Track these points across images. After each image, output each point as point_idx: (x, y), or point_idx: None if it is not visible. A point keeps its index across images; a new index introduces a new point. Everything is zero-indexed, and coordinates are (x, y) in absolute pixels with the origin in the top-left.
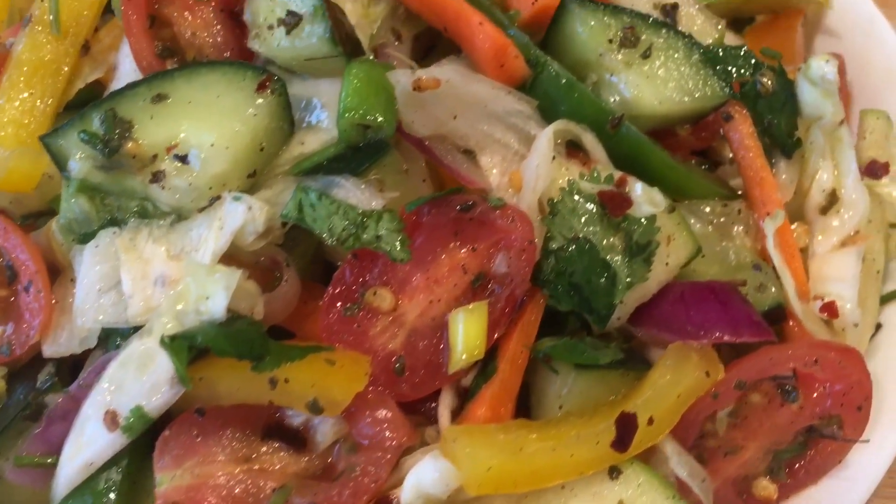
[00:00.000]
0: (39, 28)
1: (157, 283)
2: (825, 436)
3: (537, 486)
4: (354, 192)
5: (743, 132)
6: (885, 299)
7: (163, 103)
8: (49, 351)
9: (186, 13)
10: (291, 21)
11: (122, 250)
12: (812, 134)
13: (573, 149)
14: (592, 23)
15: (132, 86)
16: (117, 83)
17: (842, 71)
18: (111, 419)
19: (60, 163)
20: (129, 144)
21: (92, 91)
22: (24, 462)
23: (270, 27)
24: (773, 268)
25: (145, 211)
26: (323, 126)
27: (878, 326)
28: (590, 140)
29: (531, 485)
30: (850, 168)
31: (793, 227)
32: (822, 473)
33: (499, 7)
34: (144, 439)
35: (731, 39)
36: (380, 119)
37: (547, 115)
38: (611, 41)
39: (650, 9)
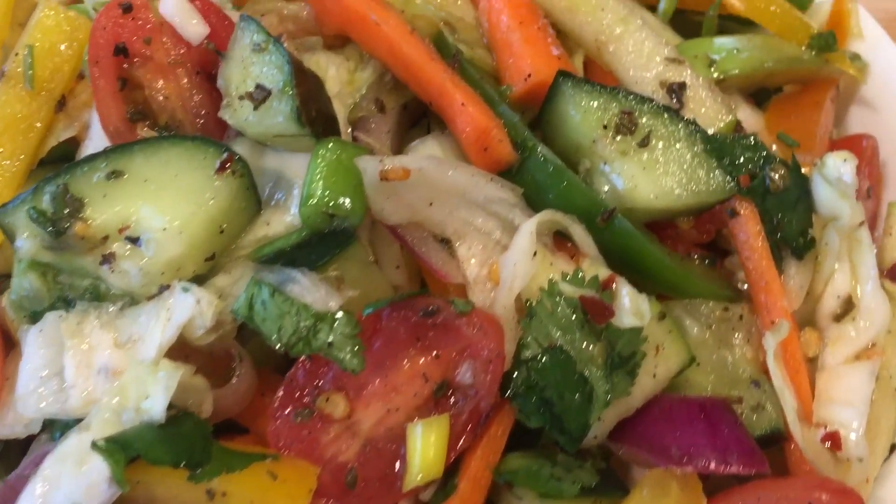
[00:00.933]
0: (13, 82)
1: (100, 373)
2: None
3: None
4: (311, 290)
5: (749, 231)
6: None
7: (118, 181)
8: None
9: (159, 77)
10: (259, 96)
11: (67, 335)
12: (827, 234)
13: (561, 238)
14: (587, 106)
15: (90, 159)
16: (90, 143)
17: (872, 155)
18: None
19: (10, 239)
20: (78, 225)
21: (66, 147)
22: None
23: (241, 98)
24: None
25: (98, 291)
26: (291, 206)
27: (894, 448)
28: (578, 232)
29: None
30: (869, 273)
31: (802, 332)
32: None
33: (491, 79)
34: None
35: (749, 115)
36: (346, 207)
37: (534, 202)
38: (605, 127)
39: (656, 87)
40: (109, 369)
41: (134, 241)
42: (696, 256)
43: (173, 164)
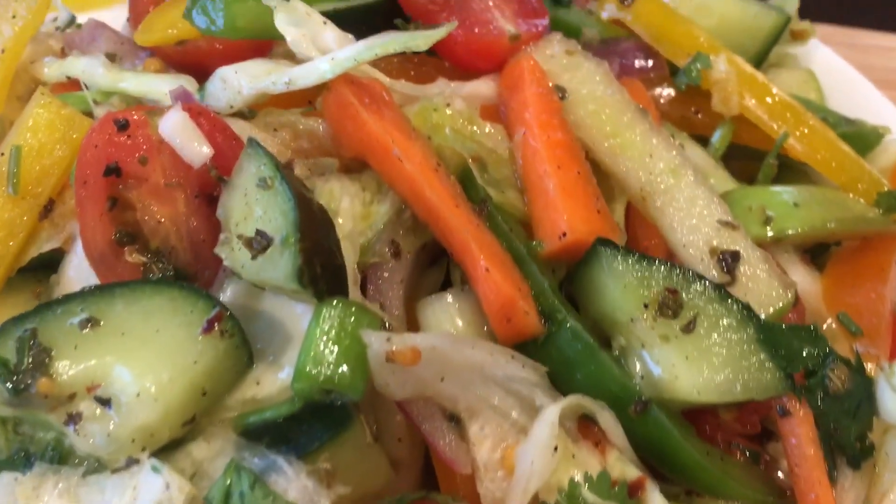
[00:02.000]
0: None
1: None
2: None
3: None
4: (296, 484)
5: (801, 436)
6: None
7: (92, 330)
8: None
9: (154, 199)
10: (259, 245)
11: (23, 501)
12: (889, 442)
13: (586, 422)
14: (627, 279)
15: (65, 301)
16: (74, 257)
17: None
18: None
19: None
20: (42, 382)
21: (51, 255)
22: None
23: (240, 237)
24: None
25: (61, 447)
26: (286, 365)
27: None
28: (607, 420)
29: None
30: None
31: None
32: None
33: (521, 228)
34: None
35: (804, 278)
36: (346, 383)
37: (559, 381)
38: (646, 305)
39: (705, 254)
40: None
41: (104, 402)
42: (736, 447)
43: (156, 316)
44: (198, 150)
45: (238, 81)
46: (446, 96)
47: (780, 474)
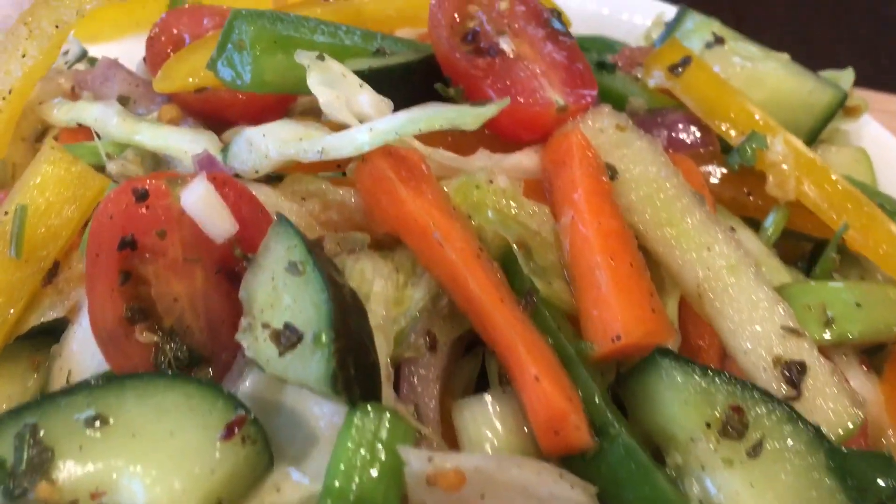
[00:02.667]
0: None
1: None
2: None
3: None
4: None
5: None
6: None
7: (100, 429)
8: None
9: (171, 275)
10: (287, 341)
11: None
12: None
13: None
14: (688, 394)
15: (70, 393)
16: (79, 329)
17: None
18: None
19: None
20: (42, 486)
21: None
22: None
23: (265, 326)
24: None
25: None
26: (308, 473)
27: None
28: None
29: None
30: None
31: None
32: None
33: (568, 324)
34: None
35: (863, 383)
36: (376, 501)
37: (607, 500)
38: (709, 425)
39: (768, 364)
40: None
41: None
42: None
43: (170, 415)
44: (222, 225)
45: (266, 145)
46: (489, 171)
47: None
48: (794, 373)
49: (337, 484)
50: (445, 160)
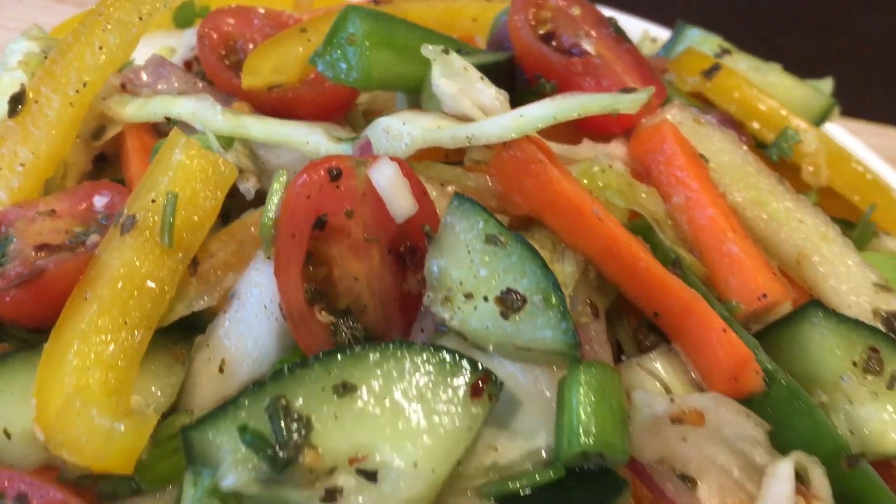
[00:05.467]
0: (148, 234)
1: None
2: None
3: None
4: None
5: None
6: None
7: (350, 396)
8: None
9: (352, 254)
10: (513, 304)
11: None
12: None
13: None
14: (835, 338)
15: (302, 365)
16: (237, 315)
17: None
18: None
19: (202, 460)
20: (308, 454)
21: (195, 314)
22: None
23: (469, 296)
24: None
25: None
26: (522, 429)
27: None
28: (818, 477)
29: None
30: None
31: None
32: None
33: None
34: None
35: None
36: (616, 447)
37: (774, 438)
38: (855, 364)
39: (869, 315)
40: None
41: (369, 475)
42: None
43: (415, 378)
44: (405, 204)
45: (406, 132)
46: (607, 157)
47: None
48: (893, 321)
49: (577, 433)
50: (559, 150)
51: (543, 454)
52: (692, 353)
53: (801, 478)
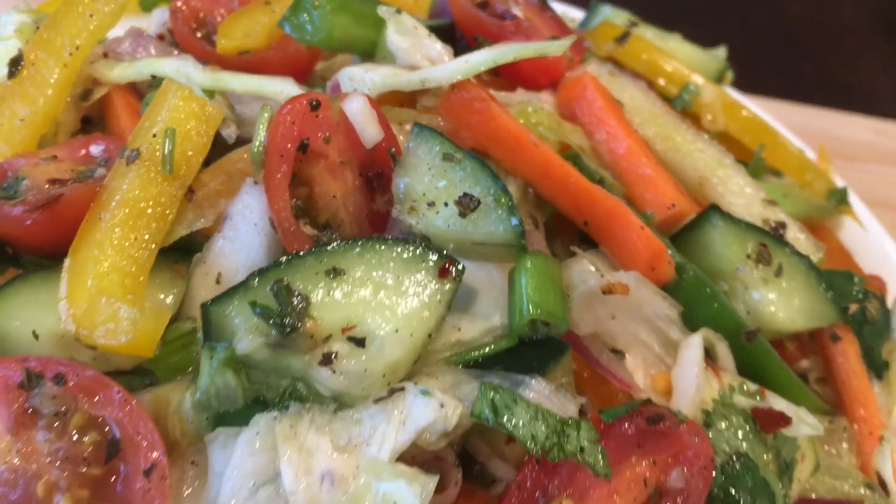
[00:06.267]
0: (149, 164)
1: (323, 479)
2: None
3: None
4: (548, 396)
5: (850, 354)
6: None
7: (339, 278)
8: None
9: (330, 175)
10: (469, 204)
11: (282, 439)
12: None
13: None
14: (732, 237)
15: (302, 256)
16: (231, 234)
17: None
18: None
19: (218, 334)
20: (309, 322)
21: (191, 237)
22: None
23: (431, 204)
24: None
25: (297, 392)
26: (479, 312)
27: None
28: (723, 350)
29: None
30: None
31: None
32: None
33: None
34: None
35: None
36: (560, 317)
37: (685, 319)
38: (749, 256)
39: (760, 224)
40: (334, 475)
41: (359, 341)
42: None
43: (394, 263)
44: (375, 130)
45: (369, 79)
46: (538, 99)
47: None
48: (779, 228)
49: (527, 307)
50: (496, 96)
51: (499, 331)
52: (616, 251)
53: (708, 353)
